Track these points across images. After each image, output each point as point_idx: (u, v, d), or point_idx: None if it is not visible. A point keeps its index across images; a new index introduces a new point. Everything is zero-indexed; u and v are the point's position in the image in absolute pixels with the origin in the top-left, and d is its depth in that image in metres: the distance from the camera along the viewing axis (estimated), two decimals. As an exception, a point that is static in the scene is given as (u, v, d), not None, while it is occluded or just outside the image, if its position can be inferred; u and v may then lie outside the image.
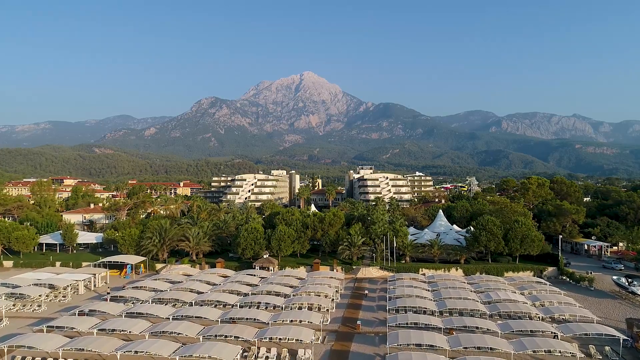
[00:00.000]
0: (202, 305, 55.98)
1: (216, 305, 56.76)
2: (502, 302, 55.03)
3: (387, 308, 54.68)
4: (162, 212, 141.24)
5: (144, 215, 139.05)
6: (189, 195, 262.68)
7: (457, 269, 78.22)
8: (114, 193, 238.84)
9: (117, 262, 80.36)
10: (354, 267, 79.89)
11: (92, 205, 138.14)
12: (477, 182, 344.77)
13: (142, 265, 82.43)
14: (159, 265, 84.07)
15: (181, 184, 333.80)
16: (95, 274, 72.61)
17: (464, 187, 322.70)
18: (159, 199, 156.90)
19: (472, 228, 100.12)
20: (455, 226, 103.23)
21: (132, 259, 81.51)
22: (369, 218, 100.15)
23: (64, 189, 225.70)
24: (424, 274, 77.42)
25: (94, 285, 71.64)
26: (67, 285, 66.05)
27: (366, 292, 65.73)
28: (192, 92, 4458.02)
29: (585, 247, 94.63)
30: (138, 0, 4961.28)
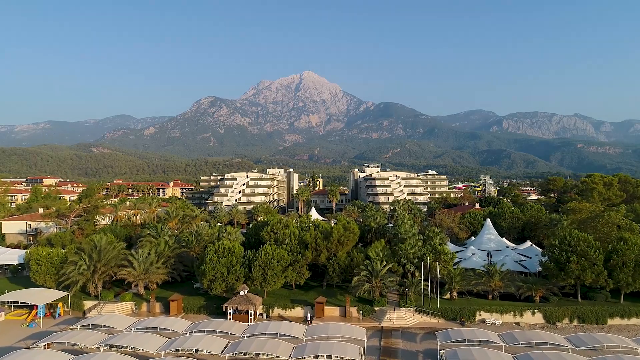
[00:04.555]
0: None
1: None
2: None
3: None
4: (133, 218, 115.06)
5: (107, 222, 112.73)
6: (179, 196, 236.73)
7: (533, 313, 51.50)
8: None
9: (18, 302, 53.58)
10: (376, 308, 53.15)
11: (40, 210, 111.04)
12: (492, 182, 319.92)
13: (61, 304, 55.71)
14: (88, 303, 57.30)
15: (171, 183, 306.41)
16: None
17: (478, 187, 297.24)
18: (126, 203, 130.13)
19: (530, 244, 74.03)
20: (505, 240, 76.70)
21: (46, 295, 54.86)
22: (391, 230, 73.79)
23: (31, 190, 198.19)
24: (483, 320, 51.17)
25: (-33, 345, 44.96)
26: None
27: (404, 363, 39.14)
28: (192, 91, 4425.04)
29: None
30: (138, 0, 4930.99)
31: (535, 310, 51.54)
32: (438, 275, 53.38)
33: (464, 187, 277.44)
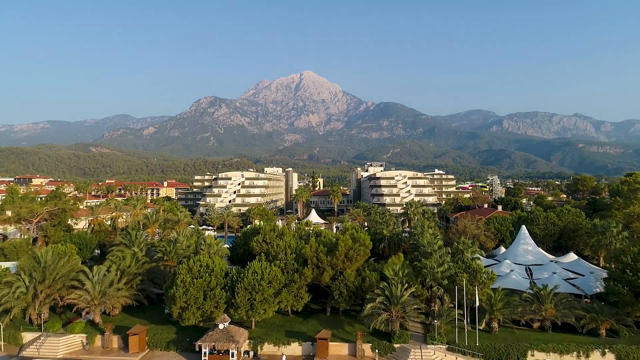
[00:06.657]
0: None
1: None
2: None
3: None
4: (115, 221, 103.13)
5: (84, 227, 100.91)
6: (173, 197, 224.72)
7: (603, 353, 39.31)
8: (78, 195, 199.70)
9: None
10: (396, 345, 40.97)
11: (8, 213, 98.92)
12: (499, 182, 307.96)
13: (-11, 338, 43.60)
14: (28, 335, 45.09)
15: (165, 183, 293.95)
16: None
17: (484, 187, 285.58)
18: (110, 205, 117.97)
19: (577, 257, 61.78)
20: (543, 251, 64.41)
21: (-29, 327, 42.73)
22: (407, 239, 61.63)
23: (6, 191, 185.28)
24: (536, 362, 38.96)
25: None
26: None
27: None
28: (192, 91, 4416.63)
29: None
30: (138, 0, 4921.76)
31: (606, 350, 39.35)
32: (477, 303, 41.14)
33: (470, 187, 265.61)
